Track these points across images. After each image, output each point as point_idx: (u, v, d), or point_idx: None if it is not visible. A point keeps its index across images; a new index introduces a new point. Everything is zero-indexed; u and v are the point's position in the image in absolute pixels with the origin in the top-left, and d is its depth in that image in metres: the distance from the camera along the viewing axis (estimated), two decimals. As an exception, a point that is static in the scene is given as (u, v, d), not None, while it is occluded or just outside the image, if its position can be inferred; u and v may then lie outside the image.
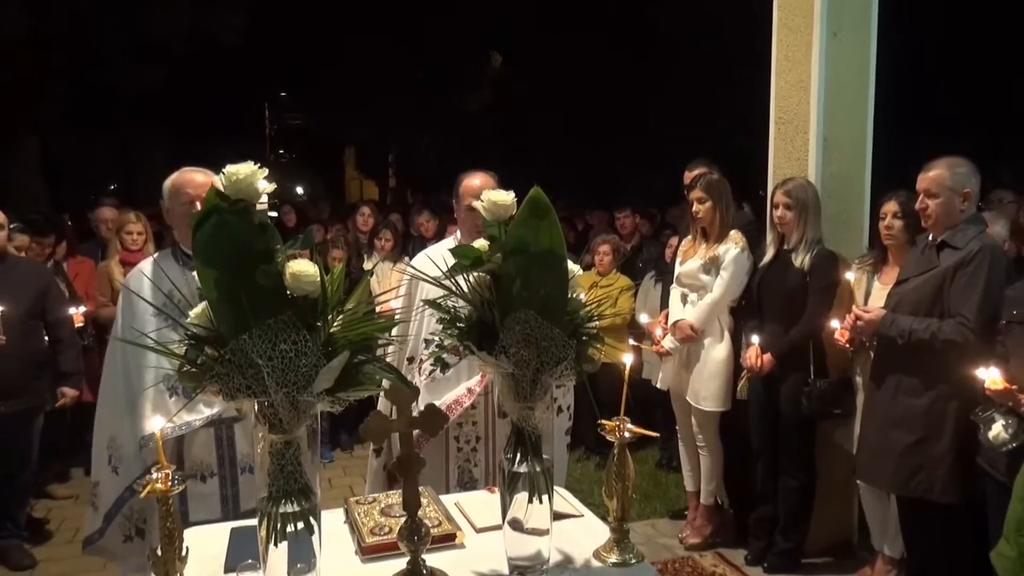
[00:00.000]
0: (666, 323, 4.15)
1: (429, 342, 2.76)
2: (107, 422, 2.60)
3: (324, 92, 19.80)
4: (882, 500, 3.61)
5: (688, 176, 4.35)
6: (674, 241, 4.85)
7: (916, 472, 3.16)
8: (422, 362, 2.84)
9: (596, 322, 1.70)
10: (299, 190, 26.45)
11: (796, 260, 3.73)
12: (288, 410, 1.41)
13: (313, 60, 18.38)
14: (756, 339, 3.78)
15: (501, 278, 1.62)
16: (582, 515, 2.10)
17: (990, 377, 2.68)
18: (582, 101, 15.73)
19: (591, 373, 1.69)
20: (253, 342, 1.36)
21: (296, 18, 16.81)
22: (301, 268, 1.40)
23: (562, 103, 16.03)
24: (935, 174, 3.12)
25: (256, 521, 1.50)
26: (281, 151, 32.47)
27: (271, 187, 1.45)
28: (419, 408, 1.74)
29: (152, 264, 2.58)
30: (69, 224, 6.90)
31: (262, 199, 1.44)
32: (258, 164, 1.43)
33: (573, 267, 1.67)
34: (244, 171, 1.40)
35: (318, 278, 1.42)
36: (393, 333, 2.42)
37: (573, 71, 15.33)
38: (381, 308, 2.27)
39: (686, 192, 4.16)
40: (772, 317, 3.81)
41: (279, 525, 1.45)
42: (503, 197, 1.66)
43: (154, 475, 1.54)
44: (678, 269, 4.13)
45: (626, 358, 1.89)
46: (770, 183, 4.10)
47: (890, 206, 3.55)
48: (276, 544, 1.46)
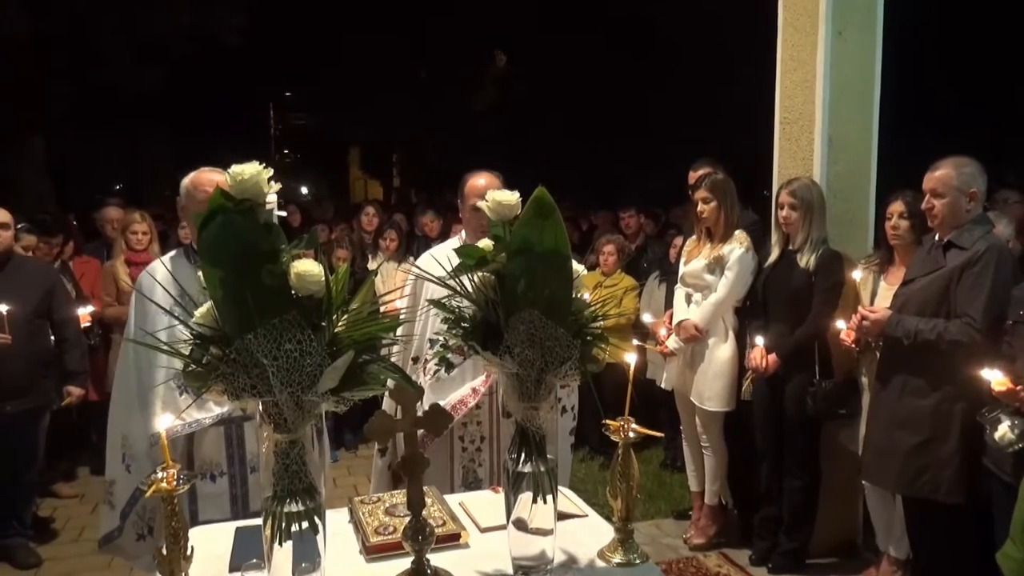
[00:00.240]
0: (670, 323, 4.15)
1: (434, 342, 2.74)
2: (120, 420, 2.61)
3: (328, 92, 19.81)
4: (887, 501, 3.60)
5: (693, 176, 4.35)
6: (678, 241, 4.85)
7: (922, 472, 3.15)
8: (427, 362, 2.83)
9: (600, 322, 1.70)
10: (303, 190, 26.47)
11: (801, 260, 3.72)
12: (293, 410, 1.41)
13: (317, 60, 18.41)
14: (761, 339, 3.77)
15: (506, 278, 1.62)
16: (586, 515, 2.10)
17: (995, 378, 2.67)
18: (586, 101, 15.73)
19: (595, 373, 1.69)
20: (258, 342, 1.36)
21: (300, 18, 16.84)
22: (306, 268, 1.41)
23: (566, 103, 16.03)
24: (941, 174, 3.11)
25: (261, 520, 1.50)
26: (286, 151, 32.49)
27: (277, 187, 1.46)
28: (424, 408, 1.74)
29: (165, 263, 2.59)
30: (75, 224, 6.93)
31: (270, 198, 1.44)
32: (263, 164, 1.43)
33: (577, 267, 1.67)
34: (249, 171, 1.41)
35: (323, 278, 1.42)
36: (398, 333, 2.43)
37: (577, 71, 15.34)
38: (385, 308, 2.28)
39: (691, 192, 4.16)
40: (777, 317, 3.81)
41: (284, 524, 1.46)
42: (507, 197, 1.66)
43: (159, 474, 1.55)
44: (682, 269, 4.13)
45: (630, 358, 1.89)
46: (775, 183, 4.10)
47: (896, 206, 3.54)
48: (281, 543, 1.46)
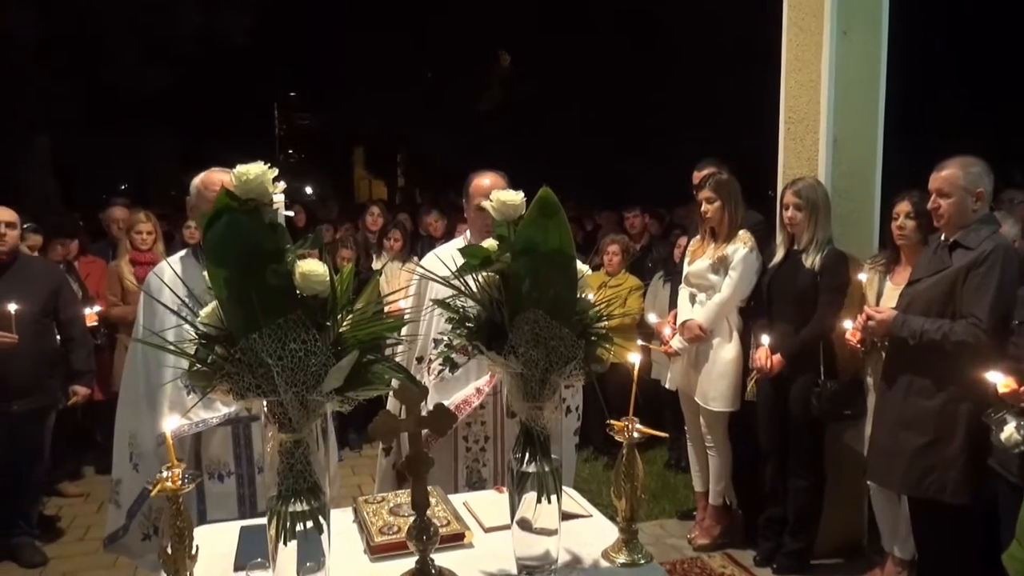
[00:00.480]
0: (674, 323, 4.15)
1: (438, 342, 2.76)
2: (127, 419, 2.63)
3: (333, 92, 19.87)
4: (892, 501, 3.59)
5: (697, 176, 4.34)
6: (683, 241, 4.84)
7: (928, 473, 3.13)
8: (431, 362, 2.83)
9: (605, 322, 1.70)
10: (308, 190, 26.53)
11: (806, 260, 3.72)
12: (297, 409, 1.42)
13: (322, 60, 18.45)
14: (766, 339, 3.77)
15: (510, 278, 1.62)
16: (591, 515, 2.10)
17: (1000, 379, 2.66)
18: (591, 101, 15.73)
19: (600, 373, 1.69)
20: (263, 341, 1.37)
21: (305, 18, 16.88)
22: (311, 268, 1.41)
23: (571, 103, 16.02)
24: (948, 174, 3.10)
25: (266, 520, 1.51)
26: (290, 151, 32.57)
27: (282, 186, 1.46)
28: (428, 408, 1.74)
29: (173, 263, 2.60)
30: (80, 224, 6.95)
31: (278, 198, 1.45)
32: (268, 164, 1.44)
33: (582, 267, 1.67)
34: (255, 171, 1.41)
35: (328, 278, 1.42)
36: (402, 333, 2.43)
37: (582, 71, 15.33)
38: (390, 308, 2.28)
39: (695, 192, 4.15)
40: (782, 317, 3.80)
41: (288, 524, 1.46)
42: (512, 197, 1.66)
43: (164, 474, 1.55)
44: (686, 269, 4.12)
45: (634, 358, 1.89)
46: (780, 183, 4.09)
47: (903, 206, 3.53)
48: (285, 543, 1.47)
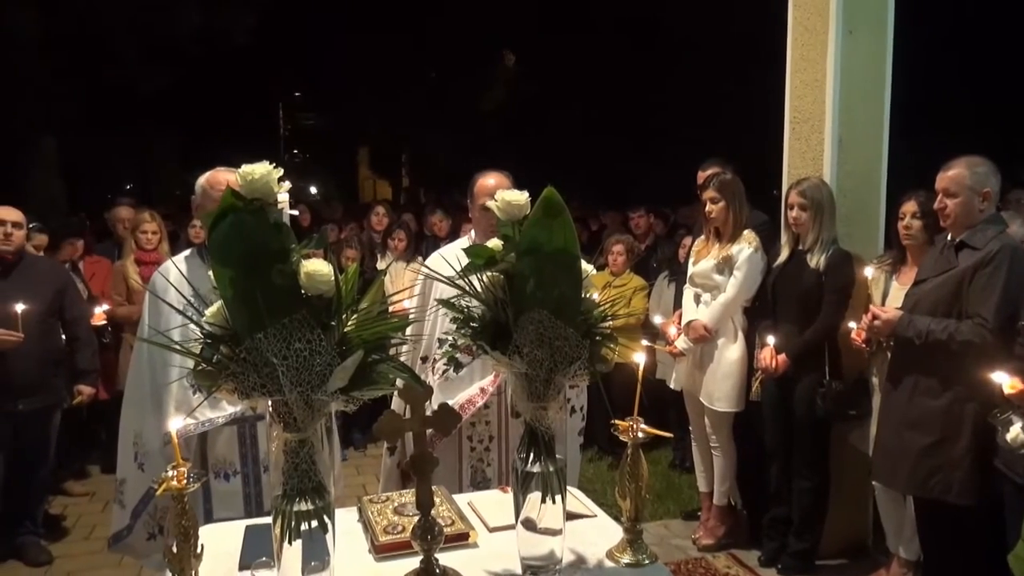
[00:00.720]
0: (679, 323, 4.14)
1: (443, 341, 2.76)
2: (132, 419, 2.63)
3: (337, 92, 19.89)
4: (898, 502, 3.58)
5: (701, 176, 4.34)
6: (688, 241, 4.84)
7: (933, 474, 3.12)
8: (435, 361, 2.84)
9: (609, 322, 1.70)
10: (313, 190, 26.56)
11: (811, 260, 3.71)
12: (302, 409, 1.42)
13: (326, 60, 18.47)
14: (771, 340, 3.76)
15: (515, 278, 1.61)
16: (595, 515, 2.10)
17: (1006, 380, 2.65)
18: (595, 100, 15.72)
19: (604, 373, 1.69)
20: (268, 341, 1.37)
21: (309, 18, 16.90)
22: (316, 268, 1.41)
23: (575, 103, 16.02)
24: (954, 173, 3.09)
25: (271, 519, 1.51)
26: (295, 151, 32.62)
27: (287, 186, 1.46)
28: (432, 407, 1.74)
29: (178, 263, 2.60)
30: (87, 224, 6.98)
31: (283, 197, 1.45)
32: (273, 164, 1.44)
33: (587, 267, 1.67)
34: (260, 171, 1.41)
35: (332, 278, 1.42)
36: (407, 333, 2.43)
37: (586, 71, 15.33)
38: (394, 308, 2.28)
39: (699, 192, 4.15)
40: (787, 318, 3.79)
41: (293, 523, 1.46)
42: (517, 197, 1.66)
43: (170, 473, 1.55)
44: (691, 269, 4.11)
45: (639, 358, 1.88)
46: (784, 183, 4.08)
47: (909, 206, 3.52)
48: (290, 542, 1.47)
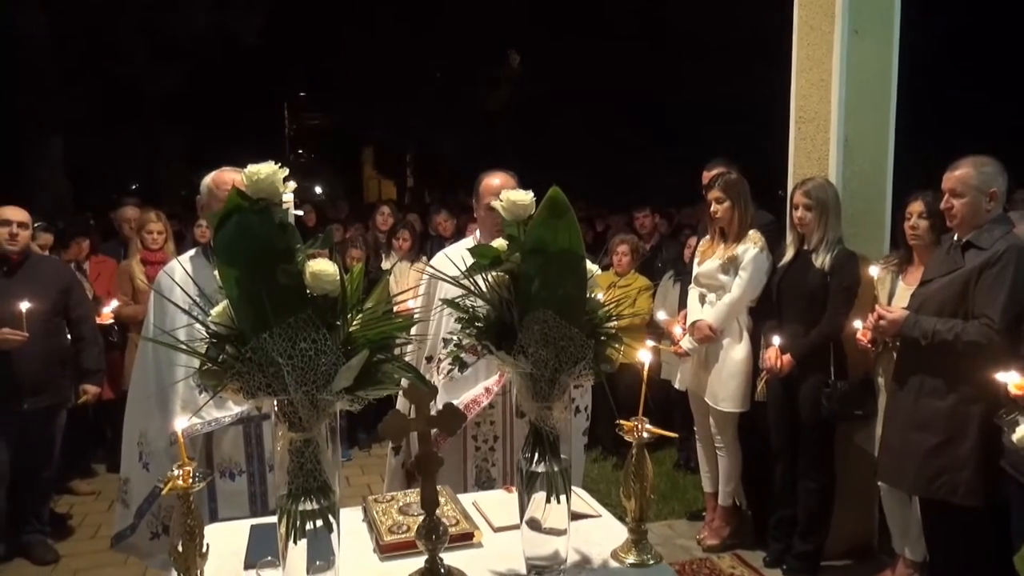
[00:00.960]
0: (684, 323, 4.13)
1: (447, 341, 2.76)
2: (137, 418, 2.63)
3: (342, 92, 19.91)
4: (904, 503, 3.57)
5: (706, 176, 4.33)
6: (693, 241, 4.83)
7: (939, 474, 3.11)
8: (440, 361, 2.84)
9: (614, 322, 1.70)
10: (318, 190, 26.61)
11: (816, 260, 3.70)
12: (307, 408, 1.42)
13: (331, 60, 18.49)
14: (776, 340, 3.75)
15: (520, 278, 1.62)
16: (600, 515, 2.10)
17: (1012, 380, 2.64)
18: (600, 101, 15.71)
19: (610, 373, 1.69)
20: (273, 341, 1.37)
21: (315, 19, 16.92)
22: (321, 267, 1.41)
23: (581, 103, 16.01)
24: (961, 173, 3.07)
25: (276, 518, 1.51)
26: (300, 151, 32.67)
27: (292, 186, 1.46)
28: (437, 407, 1.74)
29: (183, 262, 2.61)
30: (92, 223, 7.00)
31: (287, 197, 1.45)
32: (278, 164, 1.44)
33: (591, 267, 1.67)
34: (265, 171, 1.41)
35: (338, 277, 1.43)
36: (411, 332, 2.43)
37: (591, 71, 15.31)
38: (398, 308, 2.28)
39: (704, 192, 4.14)
40: (792, 318, 3.78)
41: (298, 522, 1.46)
42: (522, 197, 1.66)
43: (175, 472, 1.56)
44: (696, 269, 4.11)
45: (645, 357, 1.88)
46: (790, 183, 4.07)
47: (916, 206, 3.51)
48: (295, 541, 1.47)
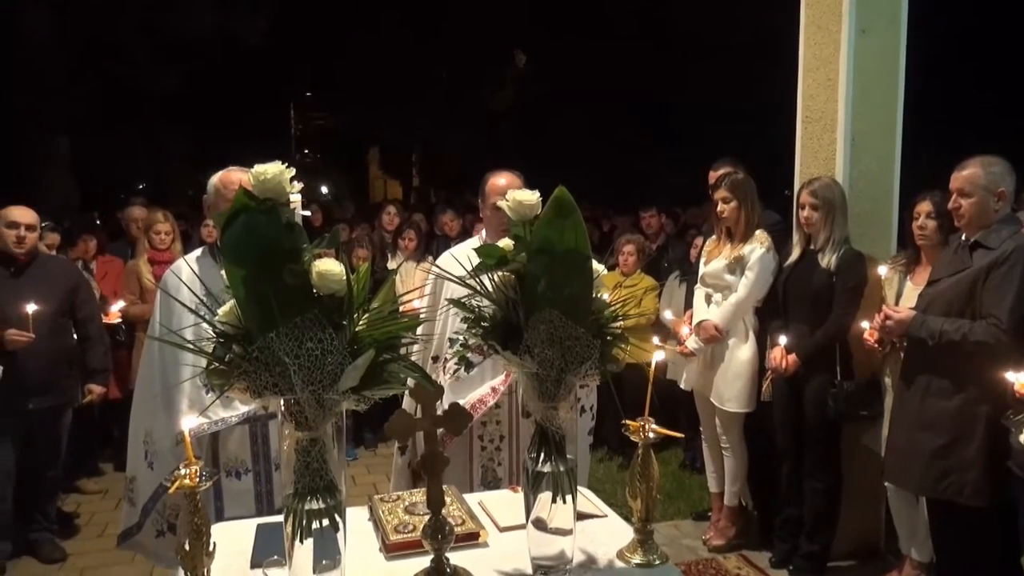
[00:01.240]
0: (690, 323, 4.13)
1: (454, 341, 2.77)
2: (143, 417, 2.64)
3: (348, 92, 19.95)
4: (910, 503, 3.56)
5: (713, 176, 4.32)
6: (699, 241, 4.82)
7: (946, 475, 3.10)
8: (446, 361, 2.84)
9: (620, 322, 1.70)
10: (324, 189, 26.65)
11: (823, 260, 3.69)
12: (314, 408, 1.42)
13: (337, 61, 18.53)
14: (782, 339, 3.74)
15: (526, 277, 1.61)
16: (606, 515, 2.10)
17: (1020, 380, 2.63)
18: (606, 101, 15.70)
19: (616, 373, 1.69)
20: (280, 340, 1.37)
21: (320, 19, 16.97)
22: (327, 267, 1.41)
23: (586, 102, 16.00)
24: (969, 173, 3.06)
25: (282, 517, 1.51)
26: (306, 151, 32.74)
27: (299, 186, 1.46)
28: (443, 407, 1.74)
29: (190, 262, 2.62)
30: (98, 223, 7.02)
31: (295, 197, 1.45)
32: (285, 164, 1.44)
33: (598, 267, 1.67)
34: (272, 171, 1.41)
35: (344, 277, 1.43)
36: (418, 332, 2.43)
37: (597, 71, 15.31)
38: (404, 308, 2.29)
39: (711, 192, 4.13)
40: (797, 318, 3.77)
41: (305, 521, 1.46)
42: (528, 196, 1.66)
43: (182, 471, 1.56)
44: (702, 269, 4.10)
45: (657, 356, 1.88)
46: (797, 182, 4.06)
47: (924, 206, 3.50)
48: (302, 540, 1.47)
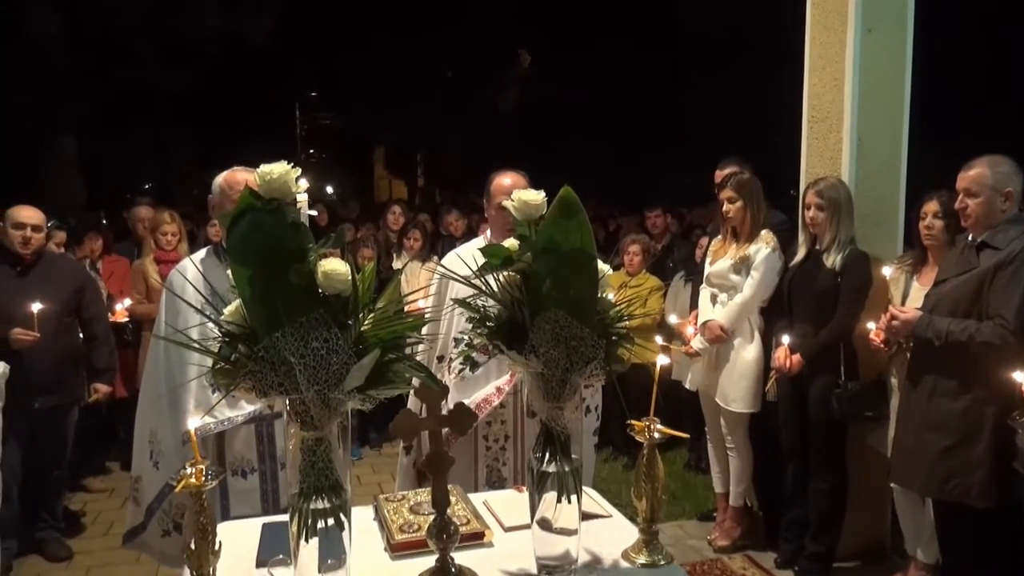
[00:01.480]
0: (696, 323, 4.12)
1: (459, 341, 2.76)
2: (148, 417, 2.65)
3: (353, 92, 19.99)
4: (916, 504, 3.54)
5: (719, 175, 4.32)
6: (704, 241, 4.82)
7: (952, 476, 3.09)
8: (452, 361, 2.84)
9: (625, 322, 1.70)
10: (329, 189, 26.69)
11: (828, 260, 3.68)
12: (319, 407, 1.42)
13: (342, 61, 18.57)
14: (786, 339, 3.74)
15: (531, 277, 1.61)
16: (610, 516, 2.10)
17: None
18: (612, 100, 15.69)
19: (621, 373, 1.69)
20: (286, 340, 1.38)
21: (325, 19, 17.00)
22: (333, 267, 1.42)
23: (592, 102, 16.00)
24: (975, 173, 3.05)
25: (288, 516, 1.52)
26: (311, 151, 32.79)
27: (306, 186, 1.47)
28: (448, 406, 1.75)
29: (195, 262, 2.62)
30: (104, 223, 7.05)
31: (301, 197, 1.45)
32: (290, 164, 1.45)
33: (603, 267, 1.67)
34: (278, 170, 1.42)
35: (349, 277, 1.43)
36: (423, 332, 2.44)
37: (602, 70, 15.30)
38: (410, 308, 2.29)
39: (716, 191, 4.13)
40: (802, 318, 3.76)
41: (310, 521, 1.47)
42: (533, 196, 1.66)
43: (188, 470, 1.57)
44: (708, 269, 4.09)
45: (662, 359, 1.88)
46: (802, 182, 4.05)
47: (931, 206, 3.48)
48: (307, 540, 1.47)
